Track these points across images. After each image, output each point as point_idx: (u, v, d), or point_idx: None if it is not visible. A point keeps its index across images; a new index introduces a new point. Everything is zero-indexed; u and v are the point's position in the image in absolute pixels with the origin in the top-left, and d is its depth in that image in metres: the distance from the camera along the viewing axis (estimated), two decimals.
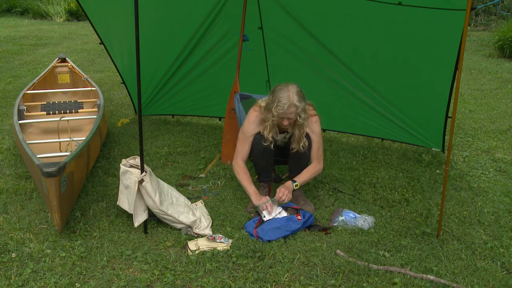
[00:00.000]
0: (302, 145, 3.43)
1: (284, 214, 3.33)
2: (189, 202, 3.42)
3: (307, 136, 3.48)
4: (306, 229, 3.26)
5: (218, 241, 3.02)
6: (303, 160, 3.52)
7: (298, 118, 3.32)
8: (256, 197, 3.41)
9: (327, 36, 4.33)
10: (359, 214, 3.45)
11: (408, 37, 3.98)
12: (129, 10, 3.19)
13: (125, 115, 5.76)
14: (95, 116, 4.47)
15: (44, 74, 5.71)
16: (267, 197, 3.43)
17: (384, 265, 2.88)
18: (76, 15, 14.06)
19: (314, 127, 3.52)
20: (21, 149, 3.68)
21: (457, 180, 4.17)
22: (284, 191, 3.36)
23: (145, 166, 3.08)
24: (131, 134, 5.10)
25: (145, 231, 3.17)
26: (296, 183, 3.45)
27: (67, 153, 3.82)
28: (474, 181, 4.17)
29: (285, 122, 3.34)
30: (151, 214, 3.21)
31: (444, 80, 4.01)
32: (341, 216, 3.39)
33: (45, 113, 4.76)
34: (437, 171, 4.35)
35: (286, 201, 3.36)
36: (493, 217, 3.54)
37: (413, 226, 3.36)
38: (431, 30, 3.80)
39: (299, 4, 4.21)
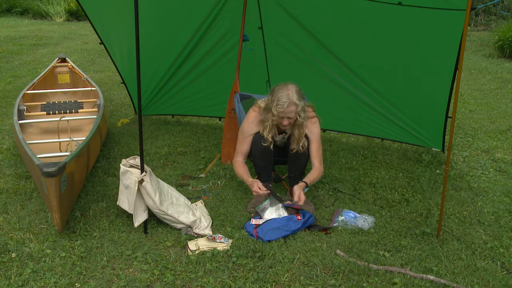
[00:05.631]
0: (302, 145, 3.43)
1: (284, 214, 3.33)
2: (189, 202, 3.42)
3: (306, 137, 3.48)
4: (306, 229, 3.26)
5: (218, 241, 3.02)
6: (302, 160, 3.53)
7: (298, 117, 3.32)
8: (256, 184, 3.39)
9: (327, 36, 4.33)
10: (359, 214, 3.45)
11: (408, 37, 3.98)
12: (129, 10, 3.19)
13: (125, 115, 5.76)
14: (95, 116, 4.47)
15: (44, 74, 5.71)
16: (267, 191, 3.41)
17: (384, 265, 2.88)
18: (76, 15, 14.06)
19: (313, 128, 3.52)
20: (21, 149, 3.68)
21: (457, 180, 4.16)
22: (299, 194, 3.32)
23: (145, 166, 3.08)
24: (131, 134, 5.10)
25: (145, 231, 3.17)
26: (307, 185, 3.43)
27: (67, 153, 3.82)
28: (474, 181, 4.17)
29: (285, 122, 3.34)
30: (151, 214, 3.21)
31: (444, 80, 4.01)
32: (341, 216, 3.39)
33: (45, 113, 4.76)
34: (437, 171, 4.35)
35: (301, 203, 3.31)
36: (493, 217, 3.54)
37: (413, 226, 3.36)
38: (431, 30, 3.80)
39: (299, 4, 4.21)
